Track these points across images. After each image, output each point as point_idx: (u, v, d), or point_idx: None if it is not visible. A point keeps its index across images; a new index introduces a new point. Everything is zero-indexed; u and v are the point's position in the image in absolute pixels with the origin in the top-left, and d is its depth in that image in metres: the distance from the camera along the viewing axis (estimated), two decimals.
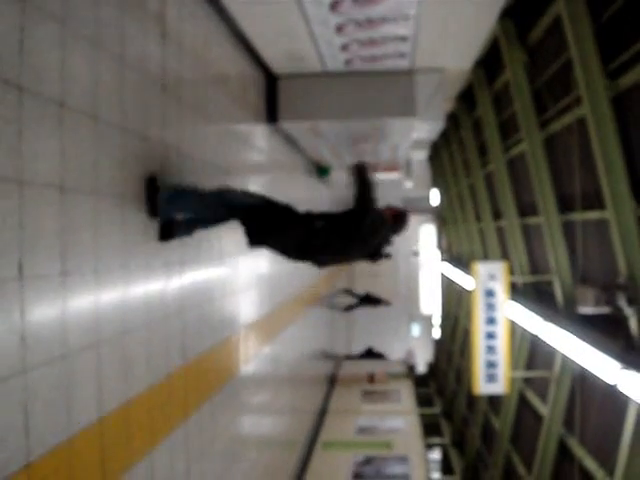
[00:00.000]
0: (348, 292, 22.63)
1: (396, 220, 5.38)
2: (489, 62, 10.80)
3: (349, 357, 22.85)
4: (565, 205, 8.83)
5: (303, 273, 12.48)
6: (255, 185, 8.22)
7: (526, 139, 9.32)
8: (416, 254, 28.06)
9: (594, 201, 7.45)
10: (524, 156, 10.05)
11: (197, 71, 5.96)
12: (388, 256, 5.53)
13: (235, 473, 6.98)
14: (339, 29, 7.51)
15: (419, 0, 6.48)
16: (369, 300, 23.03)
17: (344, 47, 8.21)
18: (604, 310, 6.76)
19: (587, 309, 6.82)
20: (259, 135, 8.64)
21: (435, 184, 24.50)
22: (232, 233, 6.43)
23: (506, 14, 9.07)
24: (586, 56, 6.58)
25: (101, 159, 3.85)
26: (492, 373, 10.15)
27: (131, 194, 4.26)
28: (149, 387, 4.44)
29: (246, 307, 7.53)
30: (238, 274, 7.12)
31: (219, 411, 6.27)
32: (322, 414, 15.52)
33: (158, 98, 4.89)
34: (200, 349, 5.60)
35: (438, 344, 26.43)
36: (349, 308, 22.24)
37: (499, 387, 10.19)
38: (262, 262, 8.53)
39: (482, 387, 10.24)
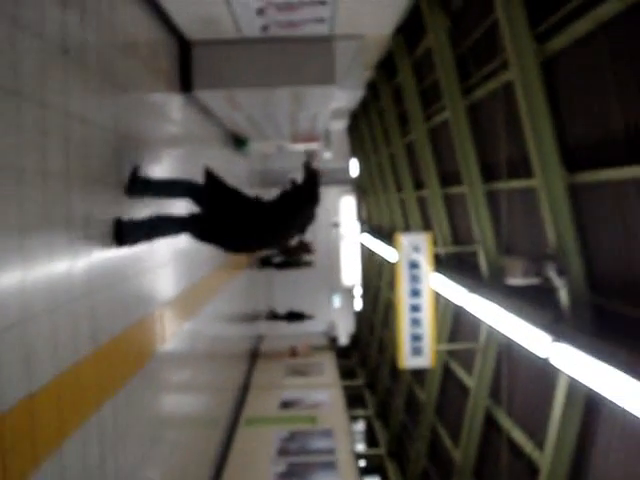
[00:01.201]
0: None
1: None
2: (410, 28, 10.50)
3: (273, 316, 22.45)
4: (489, 174, 8.66)
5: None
6: (169, 157, 7.81)
7: (449, 107, 9.08)
8: (336, 226, 27.86)
9: (521, 169, 7.27)
10: (447, 124, 9.83)
11: (102, 35, 5.45)
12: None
13: (155, 457, 6.72)
14: None
15: None
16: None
17: (260, 11, 7.86)
18: (533, 281, 6.58)
19: (515, 280, 6.63)
20: (172, 105, 8.26)
21: (354, 155, 24.29)
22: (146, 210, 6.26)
23: None
24: (513, 18, 6.31)
25: None
26: (417, 346, 9.99)
27: None
28: (54, 378, 4.15)
29: (163, 284, 7.27)
30: (153, 251, 6.79)
31: (137, 394, 6.07)
32: (245, 390, 15.37)
33: (59, 63, 4.45)
34: (113, 331, 5.39)
35: (360, 315, 26.43)
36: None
37: (425, 360, 10.04)
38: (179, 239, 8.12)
39: (408, 361, 10.07)
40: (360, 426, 19.66)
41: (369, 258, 23.21)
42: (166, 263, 7.50)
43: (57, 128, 4.37)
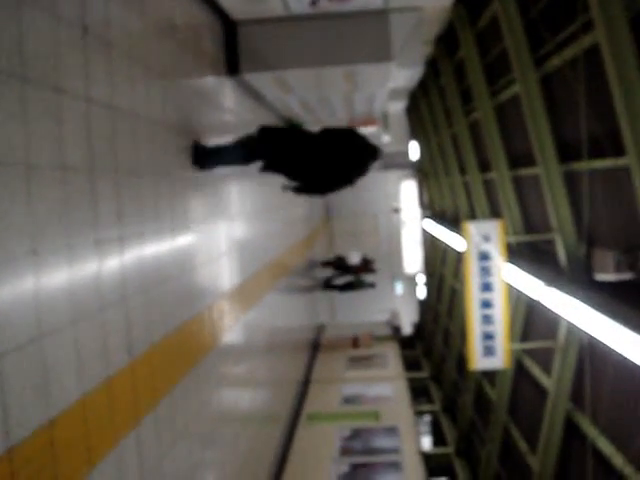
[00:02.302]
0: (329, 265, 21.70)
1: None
2: None
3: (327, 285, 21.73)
4: (567, 153, 7.74)
5: (280, 236, 11.68)
6: None
7: (519, 79, 8.17)
8: (397, 211, 27.05)
9: (607, 147, 6.35)
10: (516, 99, 8.92)
11: (134, 15, 5.04)
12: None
13: (212, 458, 6.46)
14: None
15: None
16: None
17: None
18: (626, 276, 5.68)
19: (606, 276, 5.75)
20: (220, 90, 7.79)
21: (414, 137, 23.37)
22: (200, 196, 6.41)
23: None
24: None
25: None
26: (489, 345, 9.10)
27: None
28: (81, 397, 3.73)
29: (218, 277, 7.11)
30: (208, 242, 6.69)
31: (192, 392, 5.89)
32: (306, 384, 14.85)
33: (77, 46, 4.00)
34: (167, 328, 5.23)
35: (423, 304, 25.65)
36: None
37: (498, 361, 9.14)
38: (234, 227, 8.03)
39: (479, 362, 9.19)
40: (425, 421, 18.84)
41: (432, 245, 22.40)
42: (224, 253, 7.34)
43: (99, 118, 4.20)
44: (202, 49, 7.15)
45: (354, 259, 21.96)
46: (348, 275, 21.68)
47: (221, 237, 7.31)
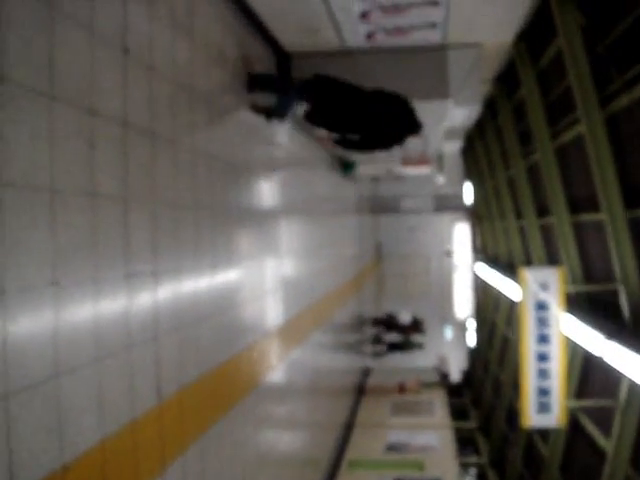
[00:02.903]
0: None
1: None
2: (534, 33, 9.24)
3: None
4: (634, 199, 7.28)
5: (328, 275, 11.43)
6: (271, 183, 7.52)
7: (584, 119, 7.74)
8: (449, 254, 26.58)
9: None
10: (579, 141, 8.49)
11: (191, 47, 5.02)
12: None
13: None
14: None
15: None
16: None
17: (364, 15, 7.01)
18: None
19: None
20: (271, 125, 7.45)
21: (469, 179, 22.97)
22: (244, 232, 6.23)
23: None
24: None
25: None
26: (544, 402, 8.55)
27: None
28: (100, 441, 3.44)
29: (261, 316, 6.90)
30: (251, 280, 6.50)
31: (232, 431, 5.71)
32: (349, 428, 14.47)
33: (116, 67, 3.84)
34: (191, 376, 4.84)
35: (473, 351, 24.99)
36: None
37: (553, 419, 8.58)
38: (280, 264, 7.84)
39: (533, 419, 8.63)
40: (472, 474, 18.14)
41: (484, 290, 21.83)
42: (268, 292, 7.15)
43: (136, 144, 4.04)
44: None
45: (405, 318, 21.90)
46: (398, 334, 21.54)
47: (266, 274, 7.08)
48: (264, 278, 6.97)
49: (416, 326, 21.83)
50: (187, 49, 4.93)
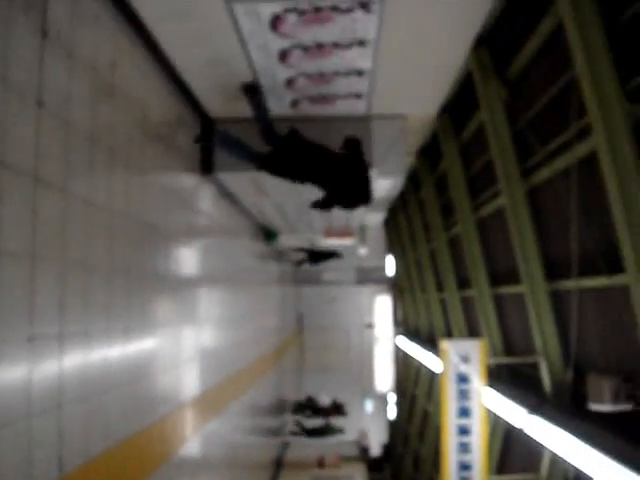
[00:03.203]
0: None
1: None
2: (457, 105, 9.39)
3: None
4: (554, 271, 7.29)
5: (249, 345, 11.18)
6: (192, 249, 7.25)
7: (505, 192, 7.79)
8: (370, 326, 26.49)
9: (599, 264, 5.89)
10: (500, 213, 8.55)
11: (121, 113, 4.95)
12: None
13: None
14: (283, 57, 6.10)
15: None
16: None
17: (289, 82, 6.91)
18: (625, 407, 5.11)
19: (603, 406, 5.16)
20: (191, 188, 7.37)
21: (391, 251, 23.09)
22: (161, 297, 5.95)
23: (480, 42, 7.67)
24: (598, 72, 5.07)
25: None
26: (465, 477, 8.31)
27: None
28: None
29: (176, 386, 6.50)
30: (167, 347, 6.13)
31: None
32: None
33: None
34: (97, 449, 4.43)
35: (393, 424, 24.72)
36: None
37: None
38: (199, 332, 7.52)
39: None
40: None
41: (405, 363, 21.74)
42: (185, 361, 6.81)
43: (47, 201, 3.78)
44: (177, 144, 6.78)
45: (325, 400, 21.67)
46: (318, 417, 21.23)
47: (183, 343, 6.76)
48: (181, 347, 6.64)
49: (337, 408, 21.57)
50: (107, 106, 4.72)
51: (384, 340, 26.39)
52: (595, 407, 5.33)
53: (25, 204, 3.44)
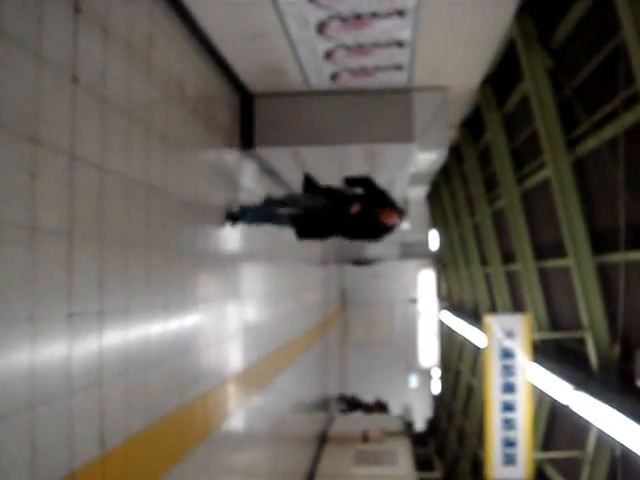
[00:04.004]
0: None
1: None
2: (500, 77, 9.18)
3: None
4: (601, 244, 7.12)
5: (293, 320, 11.42)
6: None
7: (550, 163, 7.61)
8: (414, 302, 26.38)
9: None
10: (545, 186, 8.37)
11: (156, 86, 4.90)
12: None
13: None
14: (321, 28, 6.02)
15: None
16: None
17: (328, 55, 6.83)
18: None
19: None
20: (231, 164, 7.45)
21: (434, 225, 22.90)
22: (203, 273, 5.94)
23: (523, 10, 7.45)
24: None
25: None
26: (510, 453, 8.24)
27: None
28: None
29: (219, 362, 6.54)
30: (209, 323, 6.16)
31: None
32: (310, 478, 14.01)
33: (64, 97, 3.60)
34: (138, 425, 4.47)
35: (438, 399, 24.67)
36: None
37: (519, 472, 8.27)
38: (243, 308, 7.56)
39: (498, 471, 8.31)
40: None
41: (449, 338, 21.62)
42: (229, 336, 6.85)
43: (115, 192, 4.05)
44: (216, 120, 6.76)
45: (368, 399, 22.13)
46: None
47: (226, 318, 6.79)
48: (223, 322, 6.68)
49: (380, 406, 21.79)
50: (144, 84, 4.69)
51: (428, 315, 26.26)
52: None
53: (61, 181, 3.44)
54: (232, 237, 7.17)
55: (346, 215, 6.54)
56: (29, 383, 3.12)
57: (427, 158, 9.10)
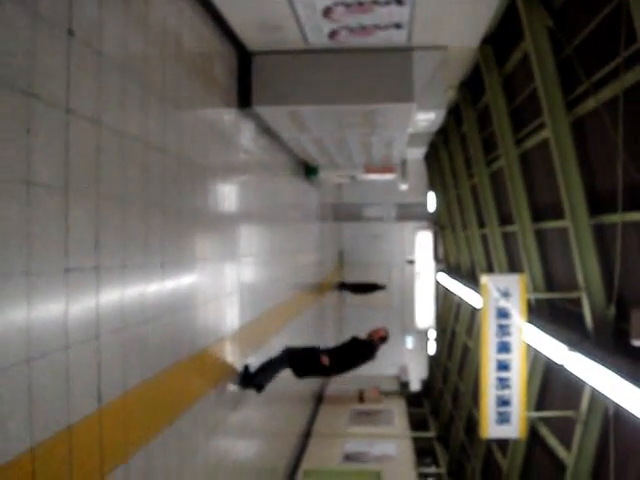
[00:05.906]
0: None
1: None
2: (499, 37, 9.08)
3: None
4: (598, 205, 7.12)
5: (287, 280, 11.55)
6: (232, 185, 7.34)
7: (549, 123, 7.56)
8: (411, 263, 26.43)
9: None
10: (543, 147, 8.34)
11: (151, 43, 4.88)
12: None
13: None
14: None
15: None
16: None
17: (327, 11, 6.79)
18: None
19: None
20: (226, 122, 7.33)
21: (432, 187, 22.84)
22: (198, 231, 5.99)
23: None
24: None
25: None
26: (504, 412, 8.31)
27: None
28: (29, 450, 3.18)
29: (217, 319, 6.70)
30: (206, 282, 6.26)
31: (185, 436, 5.55)
32: (306, 437, 14.17)
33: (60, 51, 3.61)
34: (136, 380, 4.59)
35: (433, 360, 24.86)
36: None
37: (513, 430, 8.36)
38: (239, 268, 7.72)
39: (492, 430, 8.39)
40: None
41: (445, 299, 21.70)
42: (228, 294, 7.04)
43: (111, 148, 4.06)
44: (214, 78, 6.71)
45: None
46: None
47: (222, 277, 6.84)
48: (220, 281, 6.72)
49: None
50: (140, 39, 4.65)
51: (425, 276, 26.33)
52: (637, 343, 5.25)
53: (56, 136, 3.43)
54: (230, 196, 7.17)
55: (319, 365, 7.92)
56: (26, 337, 3.14)
57: (426, 118, 9.06)
